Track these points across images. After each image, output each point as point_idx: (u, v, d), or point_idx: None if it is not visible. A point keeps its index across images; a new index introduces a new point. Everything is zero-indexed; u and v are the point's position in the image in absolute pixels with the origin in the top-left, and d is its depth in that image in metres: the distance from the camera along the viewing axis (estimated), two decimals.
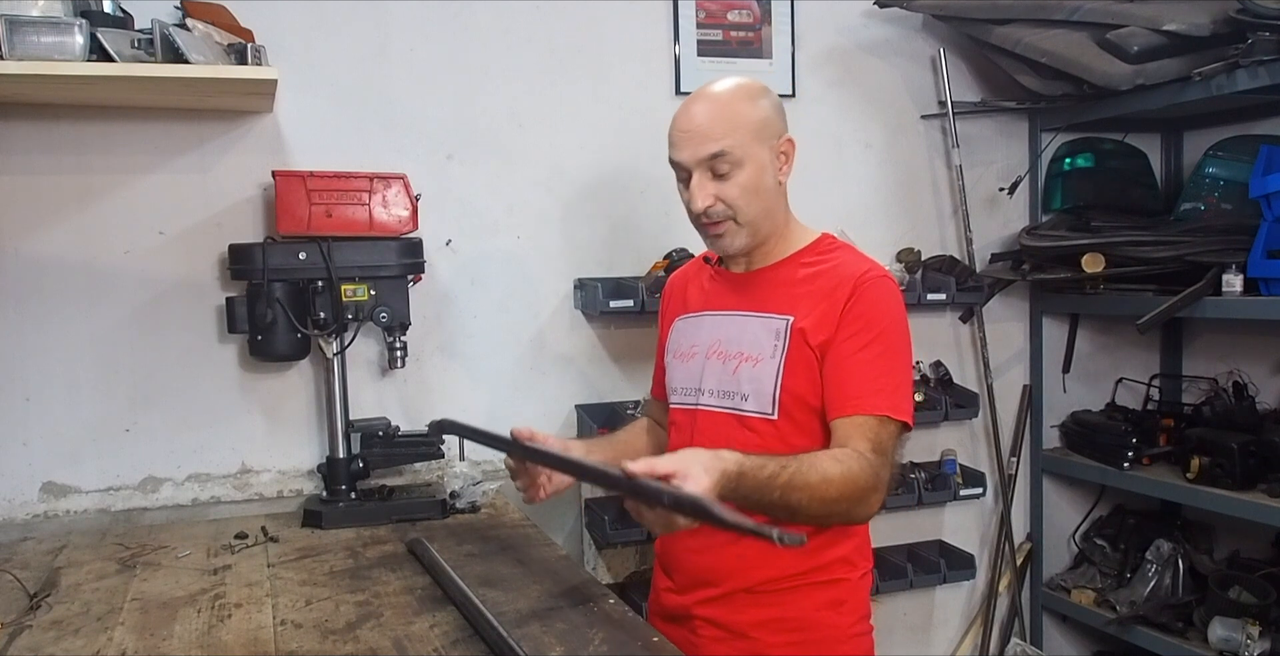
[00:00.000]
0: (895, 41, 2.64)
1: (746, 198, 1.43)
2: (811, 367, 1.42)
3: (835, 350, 1.41)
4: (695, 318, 1.60)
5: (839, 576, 1.48)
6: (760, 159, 1.43)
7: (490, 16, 2.27)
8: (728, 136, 1.40)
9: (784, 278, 1.50)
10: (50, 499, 2.04)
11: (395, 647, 1.30)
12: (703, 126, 1.41)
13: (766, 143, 1.44)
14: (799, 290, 1.47)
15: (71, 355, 2.03)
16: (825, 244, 1.53)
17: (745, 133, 1.41)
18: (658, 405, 1.75)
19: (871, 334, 1.40)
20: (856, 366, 1.39)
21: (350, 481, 2.02)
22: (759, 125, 1.43)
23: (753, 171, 1.43)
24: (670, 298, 1.71)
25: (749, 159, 1.42)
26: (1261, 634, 2.22)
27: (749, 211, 1.44)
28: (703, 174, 1.42)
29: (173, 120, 2.05)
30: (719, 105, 1.43)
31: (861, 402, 1.37)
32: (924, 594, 2.76)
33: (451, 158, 2.26)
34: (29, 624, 1.42)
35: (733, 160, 1.41)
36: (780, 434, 1.44)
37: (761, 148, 1.44)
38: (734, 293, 1.55)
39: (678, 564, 1.56)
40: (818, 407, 1.43)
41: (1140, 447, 2.54)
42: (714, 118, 1.41)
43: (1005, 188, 2.64)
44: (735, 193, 1.42)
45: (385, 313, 1.98)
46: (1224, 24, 2.10)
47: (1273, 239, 2.15)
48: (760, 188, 1.44)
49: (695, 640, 1.50)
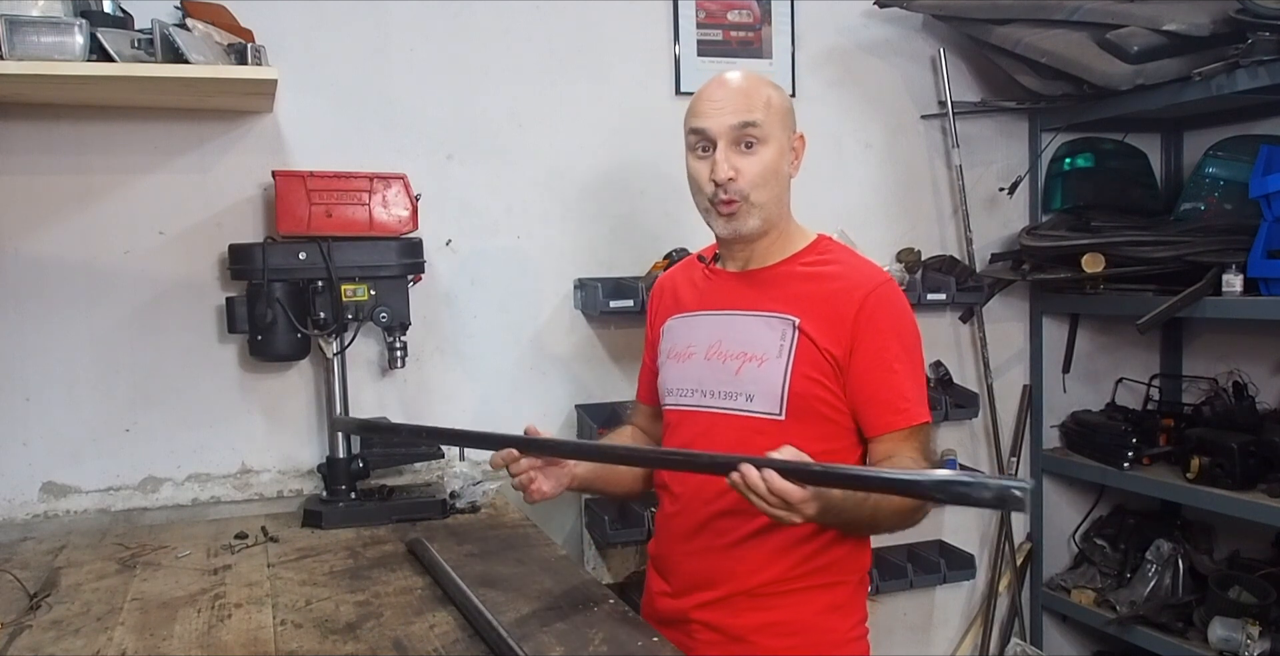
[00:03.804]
0: (895, 41, 2.64)
1: (765, 177, 1.43)
2: (824, 371, 1.41)
3: (863, 363, 1.41)
4: (690, 317, 1.56)
5: (837, 580, 1.46)
6: (782, 143, 1.45)
7: (490, 16, 2.27)
8: (760, 111, 1.42)
9: (784, 278, 1.48)
10: (50, 499, 2.04)
11: (395, 647, 1.30)
12: (739, 96, 1.42)
13: (788, 131, 1.47)
14: (800, 291, 1.45)
15: (71, 355, 2.03)
16: (822, 246, 1.52)
17: (775, 113, 1.44)
18: (645, 410, 1.71)
19: (897, 345, 1.42)
20: (892, 378, 1.41)
21: (350, 481, 2.02)
22: (784, 112, 1.46)
23: (775, 152, 1.44)
24: (660, 298, 1.67)
25: (774, 139, 1.43)
26: (1261, 634, 2.22)
27: (763, 193, 1.43)
28: (729, 145, 1.42)
29: (173, 120, 2.06)
30: (755, 82, 1.45)
31: (901, 416, 1.40)
32: (924, 594, 2.76)
33: (451, 158, 2.26)
34: (29, 624, 1.42)
35: (761, 135, 1.42)
36: (788, 436, 1.35)
37: (784, 134, 1.46)
38: (732, 291, 1.52)
39: (675, 567, 1.53)
40: (826, 409, 1.42)
41: (1140, 447, 2.54)
42: (751, 91, 1.43)
43: (1005, 188, 2.64)
44: (756, 169, 1.42)
45: (385, 312, 1.98)
46: (1224, 24, 2.10)
47: (1273, 239, 2.15)
48: (778, 172, 1.45)
49: (691, 644, 1.47)
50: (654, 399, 1.64)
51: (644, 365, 1.71)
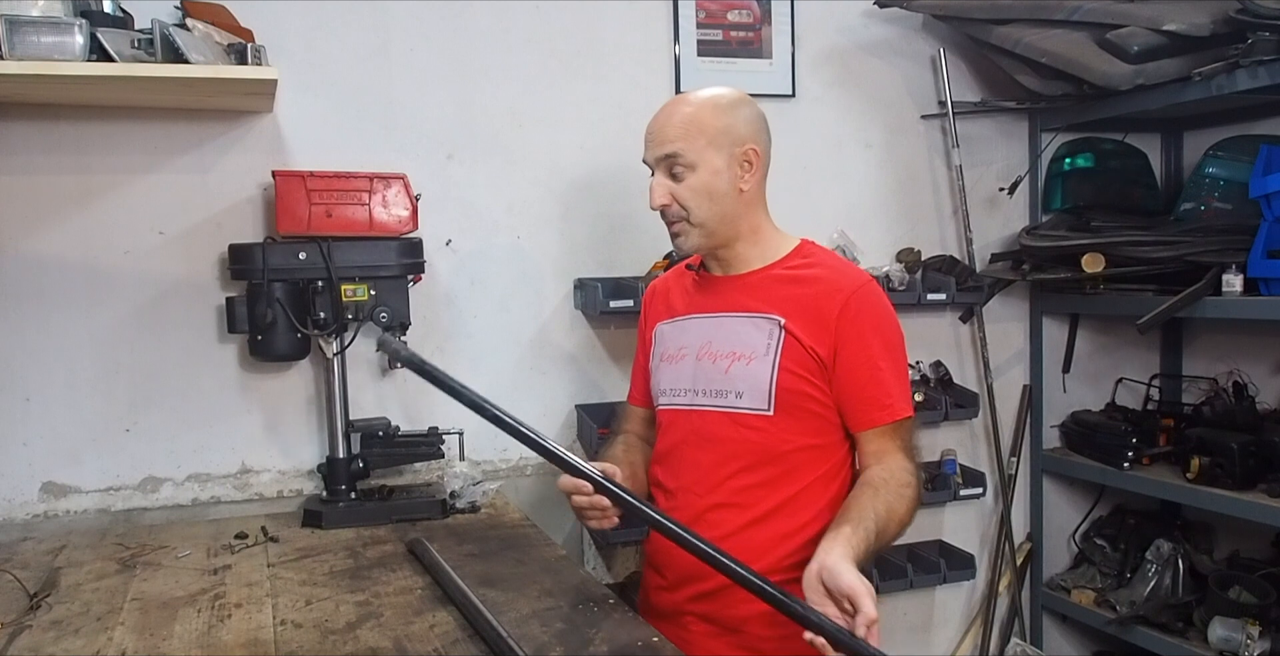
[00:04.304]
0: (895, 41, 2.64)
1: (697, 200, 1.49)
2: (810, 369, 1.47)
3: (847, 362, 1.46)
4: (681, 321, 1.62)
5: None
6: (713, 164, 1.49)
7: (490, 17, 2.27)
8: (680, 140, 1.48)
9: (769, 281, 1.54)
10: (50, 499, 2.04)
11: (395, 647, 1.30)
12: (661, 129, 1.51)
13: (725, 150, 1.49)
14: (785, 293, 1.51)
15: (71, 355, 2.03)
16: (805, 250, 1.57)
17: (700, 138, 1.48)
18: (638, 413, 1.75)
19: (880, 343, 1.47)
20: (874, 375, 1.46)
21: (350, 481, 2.02)
22: (717, 132, 1.49)
23: (705, 175, 1.49)
24: (651, 304, 1.73)
25: (702, 163, 1.48)
26: (1261, 634, 2.22)
27: (699, 213, 1.50)
28: (661, 173, 1.52)
29: (173, 120, 2.06)
30: (681, 111, 1.51)
31: (885, 412, 1.46)
32: (924, 594, 2.76)
33: (451, 158, 2.26)
34: (29, 624, 1.42)
35: (685, 163, 1.48)
36: (777, 430, 1.47)
37: (717, 154, 1.49)
38: (720, 296, 1.58)
39: (669, 561, 1.56)
40: (813, 405, 1.47)
41: (1140, 447, 2.54)
42: (673, 122, 1.50)
43: (1005, 188, 2.64)
44: (686, 194, 1.49)
45: (385, 312, 1.98)
46: (1224, 24, 2.10)
47: (1273, 239, 2.15)
48: (713, 192, 1.49)
49: (687, 636, 1.51)
50: (647, 400, 1.70)
51: (636, 366, 1.76)
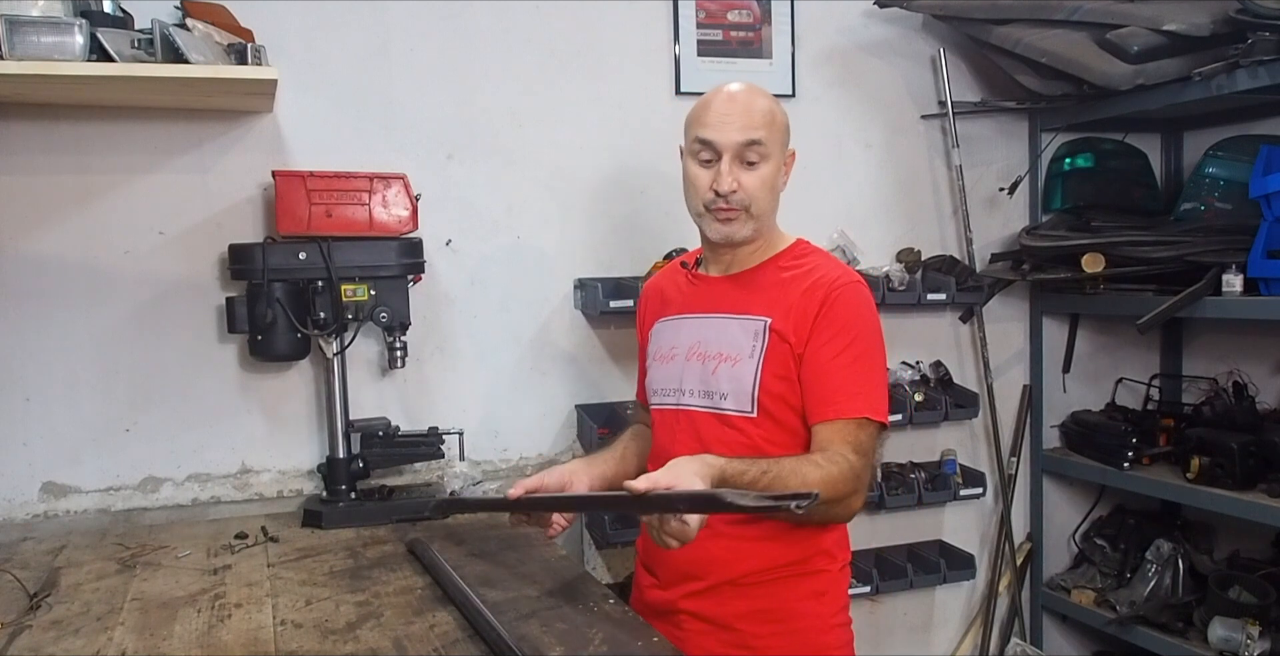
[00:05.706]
0: (895, 41, 2.64)
1: (762, 191, 1.49)
2: (789, 367, 1.47)
3: (813, 356, 1.46)
4: (675, 320, 1.63)
5: (820, 568, 1.52)
6: (779, 160, 1.52)
7: (490, 17, 2.27)
8: (765, 129, 1.47)
9: (762, 281, 1.54)
10: (50, 499, 2.04)
11: (395, 647, 1.30)
12: (747, 113, 1.47)
13: (784, 148, 1.53)
14: (775, 292, 1.51)
15: (71, 355, 2.03)
16: (800, 248, 1.58)
17: (777, 131, 1.50)
18: (644, 409, 1.76)
19: (847, 339, 1.45)
20: (835, 371, 1.44)
21: (350, 481, 2.02)
22: (784, 130, 1.53)
23: (773, 168, 1.50)
24: (648, 302, 1.74)
25: (774, 156, 1.50)
26: (1261, 634, 2.22)
27: (760, 205, 1.50)
28: (733, 158, 1.48)
29: (173, 120, 2.05)
30: (762, 99, 1.50)
31: (842, 406, 1.43)
32: (924, 594, 2.76)
33: (451, 158, 2.26)
34: (29, 624, 1.42)
35: (763, 152, 1.48)
36: (762, 431, 1.48)
37: (781, 151, 1.52)
38: (713, 296, 1.58)
39: (662, 559, 1.57)
40: (796, 406, 1.47)
41: (1140, 447, 2.54)
42: (759, 108, 1.48)
43: (1005, 188, 2.64)
44: (755, 183, 1.48)
45: (385, 312, 1.98)
46: (1224, 24, 2.10)
47: (1273, 239, 2.15)
48: (773, 186, 1.52)
49: (681, 634, 1.52)
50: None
51: (640, 366, 1.77)
